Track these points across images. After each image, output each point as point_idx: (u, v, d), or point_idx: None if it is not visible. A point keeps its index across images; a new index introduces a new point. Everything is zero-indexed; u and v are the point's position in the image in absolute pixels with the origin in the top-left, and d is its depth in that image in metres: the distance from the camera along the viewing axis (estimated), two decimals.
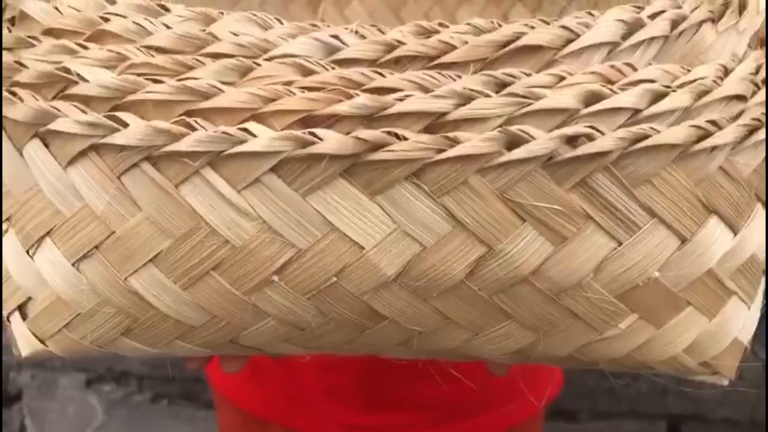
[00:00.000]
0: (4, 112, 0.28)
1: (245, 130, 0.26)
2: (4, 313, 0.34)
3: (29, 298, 0.32)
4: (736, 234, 0.29)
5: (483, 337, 0.30)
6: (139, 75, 0.26)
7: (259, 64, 0.26)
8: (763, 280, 0.33)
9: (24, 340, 0.34)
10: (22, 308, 0.33)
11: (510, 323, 0.30)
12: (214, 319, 0.30)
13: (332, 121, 0.26)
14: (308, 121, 0.26)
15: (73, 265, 0.30)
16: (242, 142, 0.26)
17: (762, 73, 0.29)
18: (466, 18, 0.54)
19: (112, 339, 0.32)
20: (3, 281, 0.33)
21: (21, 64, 0.28)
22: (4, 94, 0.28)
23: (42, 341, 0.33)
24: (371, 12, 0.61)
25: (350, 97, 0.26)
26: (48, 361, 1.38)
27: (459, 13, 0.59)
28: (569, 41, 0.26)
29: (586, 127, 0.26)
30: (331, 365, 0.76)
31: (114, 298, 0.30)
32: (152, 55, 0.26)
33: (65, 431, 1.51)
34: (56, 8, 0.29)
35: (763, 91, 0.28)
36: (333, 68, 0.26)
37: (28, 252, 0.31)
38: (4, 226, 0.31)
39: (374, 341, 0.31)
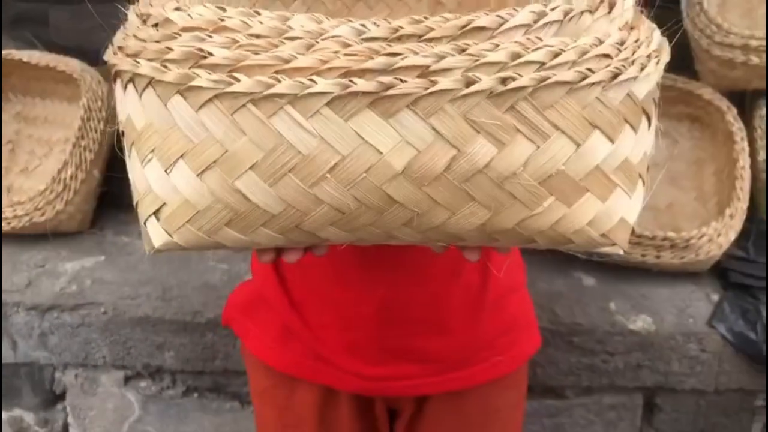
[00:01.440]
0: (159, 76, 0.46)
1: (311, 80, 0.43)
2: (142, 219, 0.52)
3: (163, 204, 0.50)
4: (612, 143, 0.47)
5: (458, 215, 0.48)
6: (247, 48, 0.44)
7: (317, 42, 0.44)
8: (640, 180, 0.50)
9: (157, 236, 0.51)
10: (156, 213, 0.50)
11: (473, 204, 0.47)
12: (288, 208, 0.47)
13: (362, 73, 0.43)
14: (348, 74, 0.44)
15: (197, 176, 0.47)
16: (309, 87, 0.43)
17: (626, 44, 0.47)
18: None
19: (218, 229, 0.49)
20: (142, 196, 0.51)
21: (169, 48, 0.46)
22: (157, 66, 0.46)
23: (170, 235, 0.50)
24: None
25: (372, 59, 0.43)
26: (92, 360, 1.53)
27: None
28: (501, 23, 0.44)
29: (512, 72, 0.43)
30: (349, 327, 0.92)
31: (224, 197, 0.48)
32: (253, 37, 0.44)
33: (105, 426, 1.65)
34: (188, 15, 0.46)
35: (624, 52, 0.46)
36: (362, 43, 0.44)
37: (166, 171, 0.48)
38: (149, 156, 0.49)
39: (389, 221, 0.48)
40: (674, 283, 1.54)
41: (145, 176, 0.50)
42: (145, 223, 0.52)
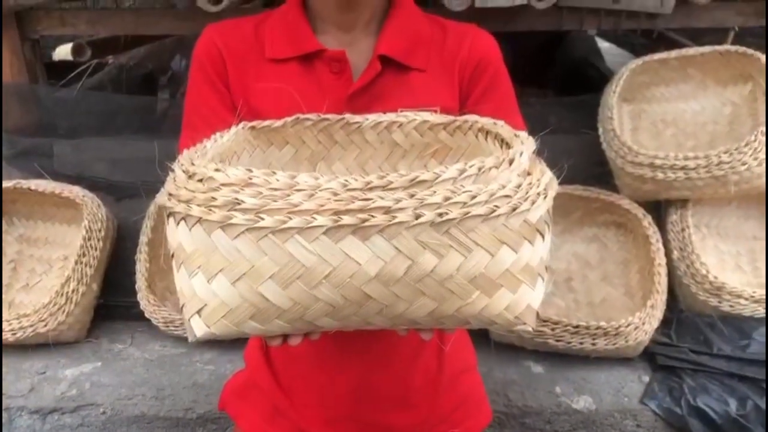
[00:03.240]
0: (205, 216, 0.67)
1: (312, 217, 0.65)
2: (187, 316, 0.71)
3: (204, 305, 0.69)
4: (516, 253, 0.69)
5: (414, 305, 0.68)
6: (268, 197, 0.65)
7: (316, 192, 0.66)
8: (539, 278, 0.71)
9: (198, 328, 0.70)
10: (199, 311, 0.70)
11: (424, 297, 0.68)
12: (295, 305, 0.68)
13: (346, 212, 0.65)
14: (337, 213, 0.65)
15: (231, 284, 0.68)
16: (311, 222, 0.65)
17: (522, 186, 0.69)
18: (403, 167, 0.96)
19: (244, 321, 0.69)
20: (188, 299, 0.70)
21: (214, 198, 0.67)
22: (204, 209, 0.67)
23: (209, 327, 0.70)
24: (347, 167, 1.02)
25: (353, 203, 0.65)
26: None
27: (399, 165, 1.00)
28: (437, 177, 0.66)
29: (445, 209, 0.65)
30: (328, 405, 1.10)
31: (250, 298, 0.68)
32: (273, 190, 0.66)
33: None
34: (226, 174, 0.68)
35: (520, 192, 0.68)
36: (346, 192, 0.66)
37: (208, 281, 0.68)
38: (195, 271, 0.69)
39: (366, 312, 0.69)
40: (611, 367, 1.77)
41: (191, 285, 0.70)
42: (189, 319, 0.71)
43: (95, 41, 2.47)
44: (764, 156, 1.71)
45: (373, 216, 0.65)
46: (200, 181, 0.70)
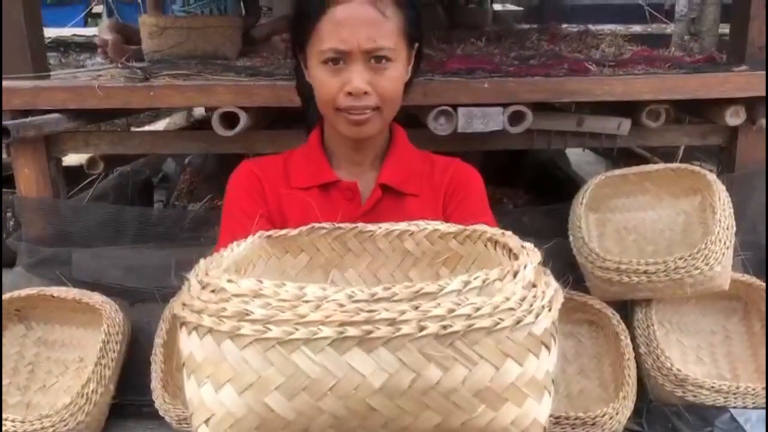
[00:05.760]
0: (216, 327, 0.67)
1: (318, 329, 0.65)
2: (195, 425, 0.71)
3: (212, 414, 0.69)
4: (521, 366, 0.68)
5: (419, 418, 0.68)
6: (276, 309, 0.66)
7: (323, 303, 0.66)
8: (545, 391, 0.70)
9: None
10: (207, 421, 0.70)
11: (429, 410, 0.67)
12: (300, 416, 0.67)
13: (352, 324, 0.65)
14: (342, 324, 0.66)
15: (238, 394, 0.68)
16: (317, 333, 0.65)
17: (527, 298, 0.69)
18: (414, 275, 0.97)
19: (251, 430, 0.68)
20: (196, 408, 0.70)
21: (224, 308, 0.68)
22: (215, 319, 0.68)
23: None
24: (360, 273, 1.04)
25: (358, 314, 0.65)
26: None
27: (411, 272, 1.01)
28: (441, 289, 0.67)
29: (449, 321, 0.66)
30: None
31: (256, 409, 0.67)
32: (281, 301, 0.67)
33: None
34: (237, 285, 0.69)
35: (524, 304, 0.68)
36: (352, 304, 0.66)
37: (216, 391, 0.69)
38: (204, 380, 0.69)
39: (370, 424, 0.68)
40: None
41: (200, 395, 0.70)
42: (197, 429, 0.71)
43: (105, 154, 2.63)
44: (714, 261, 1.91)
45: (378, 328, 0.66)
46: (213, 291, 0.71)
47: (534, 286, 0.73)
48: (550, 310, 0.71)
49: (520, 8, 7.21)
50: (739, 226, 2.16)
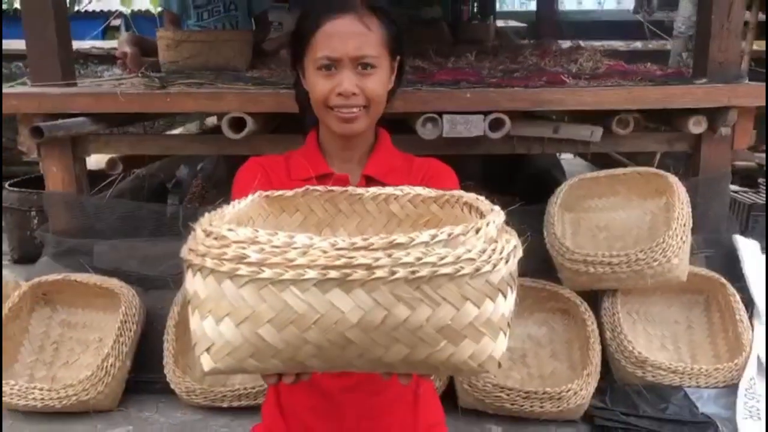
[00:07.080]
0: (217, 268, 0.73)
1: (305, 271, 0.71)
2: (198, 353, 0.76)
3: (213, 344, 0.75)
4: (479, 308, 0.74)
5: (389, 351, 0.73)
6: (269, 253, 0.72)
7: (309, 250, 0.72)
8: (501, 332, 0.76)
9: (207, 364, 0.76)
10: (208, 349, 0.75)
11: (398, 344, 0.73)
12: (288, 345, 0.73)
13: (333, 268, 0.71)
14: (325, 268, 0.71)
15: (236, 326, 0.73)
16: (303, 275, 0.71)
17: (486, 251, 0.75)
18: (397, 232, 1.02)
19: (245, 359, 0.74)
20: (199, 339, 0.76)
21: (224, 253, 0.74)
22: (216, 262, 0.73)
23: (215, 363, 0.75)
24: (350, 233, 1.09)
25: (339, 260, 0.71)
26: None
27: (396, 232, 1.05)
28: (411, 241, 0.73)
29: (417, 268, 0.71)
30: None
31: (250, 339, 0.73)
32: (274, 247, 0.72)
33: None
34: (236, 233, 0.75)
35: (483, 256, 0.74)
36: (334, 251, 0.72)
37: (216, 323, 0.74)
38: (206, 315, 0.75)
39: (348, 355, 0.73)
40: (558, 428, 1.95)
41: (203, 327, 0.75)
42: (199, 356, 0.76)
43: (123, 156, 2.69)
44: (672, 254, 1.98)
45: (355, 271, 0.71)
46: (215, 238, 0.77)
47: (495, 241, 0.79)
48: (507, 262, 0.77)
49: (523, 24, 7.03)
50: (703, 225, 2.25)
